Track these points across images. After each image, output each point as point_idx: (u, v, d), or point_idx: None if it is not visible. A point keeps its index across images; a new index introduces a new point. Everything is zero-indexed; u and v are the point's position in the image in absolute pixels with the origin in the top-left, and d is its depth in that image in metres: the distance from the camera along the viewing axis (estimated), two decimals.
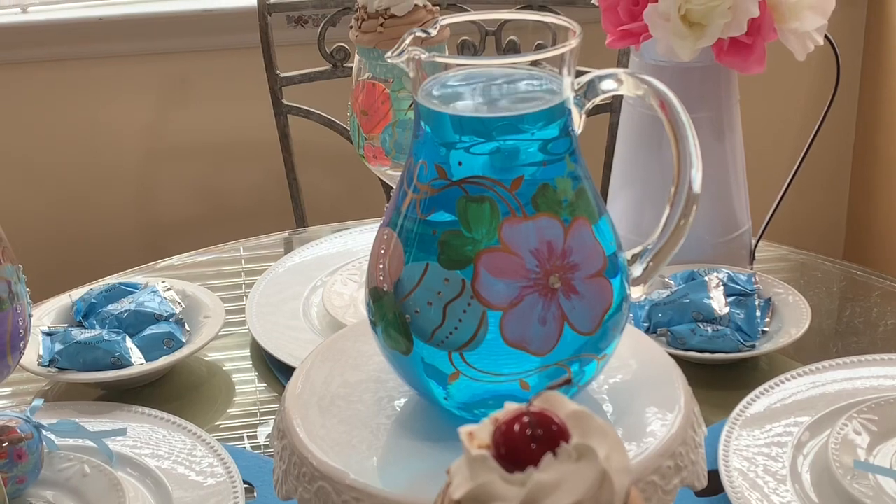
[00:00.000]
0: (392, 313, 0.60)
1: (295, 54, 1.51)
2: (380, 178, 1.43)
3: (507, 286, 0.57)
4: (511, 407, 0.36)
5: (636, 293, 0.64)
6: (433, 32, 0.61)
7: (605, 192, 1.09)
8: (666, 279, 0.97)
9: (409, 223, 0.60)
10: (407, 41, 0.59)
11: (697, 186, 0.61)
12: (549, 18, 0.61)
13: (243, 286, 1.09)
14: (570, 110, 0.60)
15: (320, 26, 1.39)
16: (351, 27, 0.91)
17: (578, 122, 0.60)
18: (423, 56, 0.58)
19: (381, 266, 0.61)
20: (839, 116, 1.85)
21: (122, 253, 1.80)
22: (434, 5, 1.35)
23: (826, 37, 0.93)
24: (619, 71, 0.61)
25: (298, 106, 1.43)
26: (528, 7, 1.38)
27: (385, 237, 0.62)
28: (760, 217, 1.05)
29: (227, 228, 1.71)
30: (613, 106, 1.37)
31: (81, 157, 1.77)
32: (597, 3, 0.93)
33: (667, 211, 0.63)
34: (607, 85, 0.61)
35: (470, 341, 0.58)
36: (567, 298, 0.58)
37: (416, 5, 0.88)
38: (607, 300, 0.60)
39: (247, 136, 1.77)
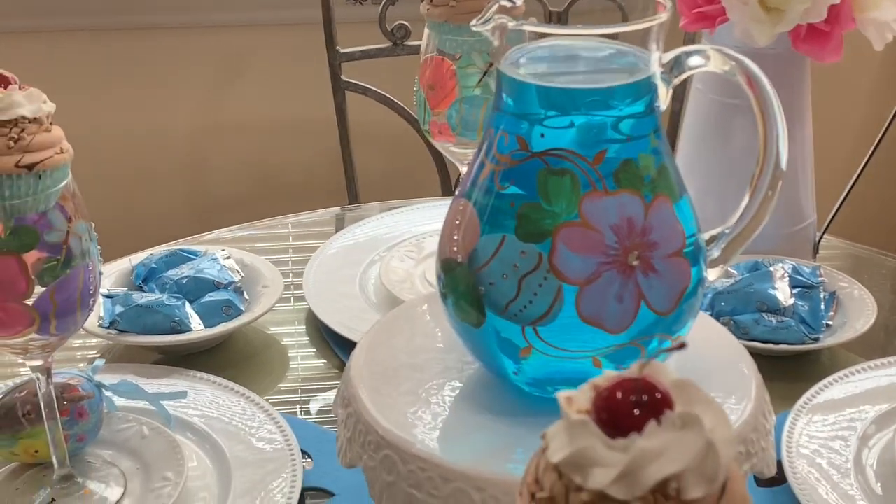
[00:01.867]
0: (465, 285, 0.60)
1: (355, 31, 1.51)
2: (435, 158, 1.43)
3: (585, 261, 0.56)
4: (611, 374, 0.36)
5: (713, 275, 0.63)
6: (518, 2, 0.60)
7: None
8: (729, 268, 0.96)
9: (487, 194, 0.59)
10: (493, 8, 0.59)
11: (784, 163, 0.60)
12: None
13: (290, 263, 1.08)
14: (656, 86, 0.59)
15: (382, 3, 1.39)
16: (422, 0, 0.90)
17: (664, 98, 0.59)
18: (511, 24, 0.57)
19: (455, 237, 0.61)
20: None
21: (173, 224, 1.81)
22: None
23: None
24: (707, 47, 0.60)
25: (357, 83, 1.43)
26: None
27: (460, 208, 0.61)
28: (826, 210, 1.03)
29: (279, 204, 1.72)
30: (677, 93, 1.36)
31: (140, 127, 1.78)
32: None
33: (748, 193, 0.62)
34: (695, 61, 0.60)
35: (544, 316, 0.57)
36: (645, 276, 0.57)
37: None
38: (685, 280, 0.59)
39: (303, 112, 1.77)
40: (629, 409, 0.33)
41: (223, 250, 1.00)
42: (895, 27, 0.89)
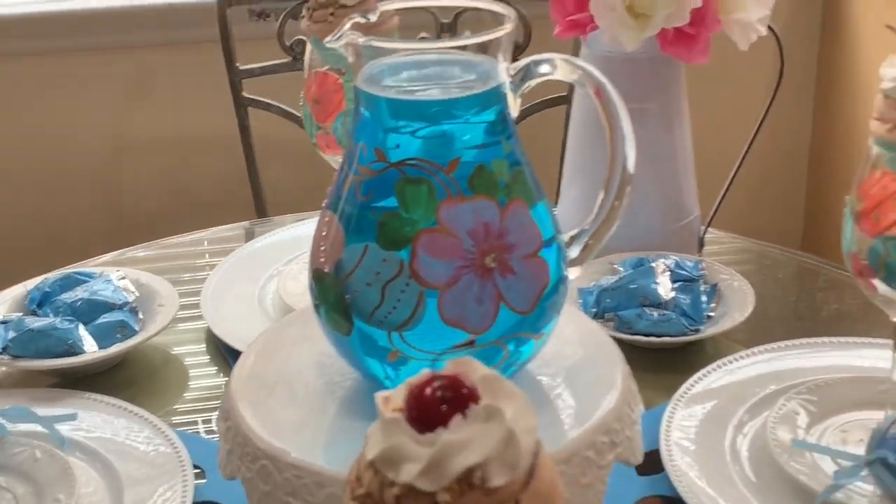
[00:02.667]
0: (333, 295, 0.62)
1: (257, 47, 1.52)
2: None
3: (445, 266, 0.59)
4: (426, 372, 0.38)
5: (573, 274, 0.65)
6: (373, 18, 0.62)
7: (560, 182, 1.10)
8: (615, 265, 0.99)
9: (350, 206, 0.61)
10: (346, 26, 0.61)
11: (631, 166, 0.63)
12: (483, 4, 0.62)
13: (193, 279, 1.09)
14: (505, 94, 0.61)
15: (279, 19, 1.40)
16: (303, 17, 0.92)
17: (514, 106, 0.62)
18: (360, 40, 0.59)
19: (322, 248, 0.63)
20: (796, 107, 1.87)
21: (87, 246, 1.80)
22: None
23: (770, 27, 0.95)
24: (555, 56, 0.63)
25: (258, 99, 1.44)
26: None
27: (326, 220, 0.63)
28: (711, 205, 1.07)
29: (193, 221, 1.72)
30: (569, 97, 1.39)
31: (46, 151, 1.77)
32: None
33: (601, 193, 0.64)
34: (543, 69, 0.62)
35: (408, 320, 0.59)
36: (503, 277, 0.59)
37: None
38: (543, 280, 0.61)
39: (209, 129, 1.77)
40: (436, 406, 0.35)
41: (118, 271, 1.00)
42: (759, 28, 0.93)
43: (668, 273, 0.95)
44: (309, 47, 0.93)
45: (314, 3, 0.90)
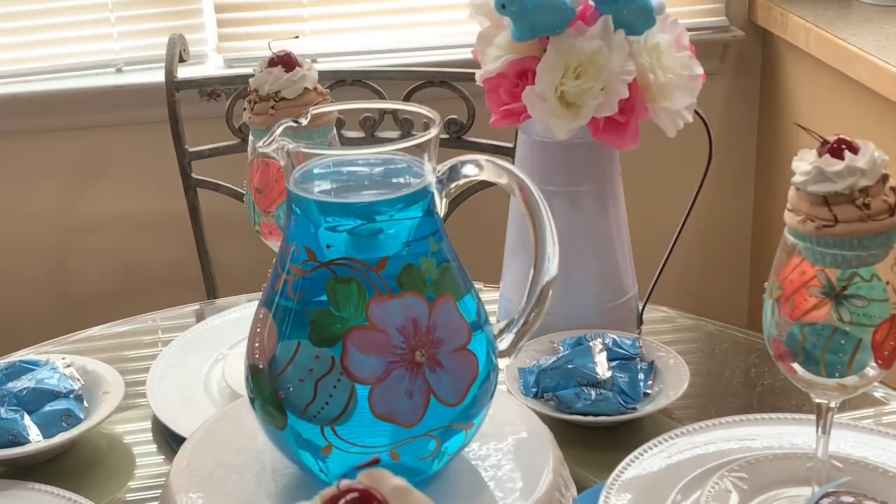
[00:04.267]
0: (268, 390, 0.63)
1: (207, 128, 1.54)
2: None
3: (375, 362, 0.60)
4: (343, 483, 0.39)
5: (503, 364, 0.67)
6: (304, 122, 0.65)
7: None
8: (555, 344, 1.01)
9: (283, 303, 0.63)
10: (277, 131, 0.63)
11: (553, 271, 0.65)
12: (412, 108, 0.65)
13: (141, 363, 1.09)
14: (432, 194, 0.64)
15: (228, 101, 1.43)
16: (245, 109, 0.95)
17: (441, 204, 0.64)
18: (291, 146, 0.61)
19: (257, 344, 0.64)
20: (737, 188, 1.92)
21: (34, 326, 1.80)
22: (338, 82, 1.40)
23: (698, 114, 0.98)
24: (480, 157, 0.65)
25: (207, 179, 1.46)
26: (430, 82, 1.42)
27: (261, 316, 0.65)
28: (649, 283, 1.10)
29: (143, 301, 1.72)
30: None
31: (2, 230, 1.78)
32: (481, 84, 0.98)
33: (526, 292, 0.67)
34: (469, 170, 0.65)
35: (340, 415, 0.61)
36: (432, 372, 0.61)
37: (306, 88, 0.91)
38: (472, 372, 0.63)
39: (160, 209, 1.78)
40: None
41: (64, 358, 1.01)
42: (685, 115, 0.96)
43: (606, 352, 0.97)
44: (251, 137, 0.96)
45: (255, 95, 0.93)
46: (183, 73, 1.51)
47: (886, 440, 0.87)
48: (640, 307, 1.10)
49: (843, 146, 0.67)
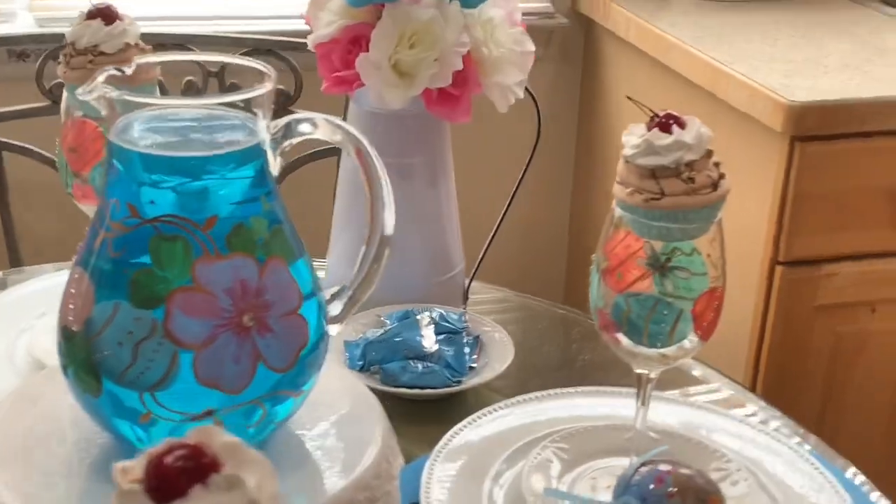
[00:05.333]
0: (82, 354, 0.59)
1: (15, 89, 1.45)
2: None
3: (201, 325, 0.58)
4: (170, 441, 0.37)
5: (334, 331, 0.66)
6: (128, 71, 0.61)
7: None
8: (382, 318, 1.00)
9: (101, 262, 0.59)
10: (100, 79, 0.59)
11: (389, 229, 0.64)
12: (243, 62, 0.63)
13: None
14: (265, 152, 0.61)
15: (39, 61, 1.35)
16: (59, 63, 0.89)
17: (275, 163, 0.62)
18: (114, 94, 0.57)
19: (71, 306, 0.60)
20: (558, 166, 1.97)
21: None
22: (157, 45, 1.34)
23: (528, 91, 0.99)
24: (316, 115, 0.63)
25: (13, 143, 1.37)
26: (256, 51, 1.39)
27: (76, 277, 0.61)
28: (475, 259, 1.10)
29: None
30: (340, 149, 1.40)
31: None
32: (313, 50, 0.95)
33: (362, 251, 0.65)
34: (303, 128, 0.63)
35: (161, 381, 0.58)
36: (261, 336, 0.59)
37: (127, 44, 0.87)
38: (302, 338, 0.61)
39: None
40: (176, 476, 0.35)
41: None
42: (516, 90, 0.97)
43: (433, 325, 0.97)
44: (66, 94, 0.90)
45: (71, 49, 0.87)
46: None
47: (700, 412, 0.90)
48: (467, 283, 1.10)
49: (671, 121, 0.69)
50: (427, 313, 1.00)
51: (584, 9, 1.86)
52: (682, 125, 0.68)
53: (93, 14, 0.87)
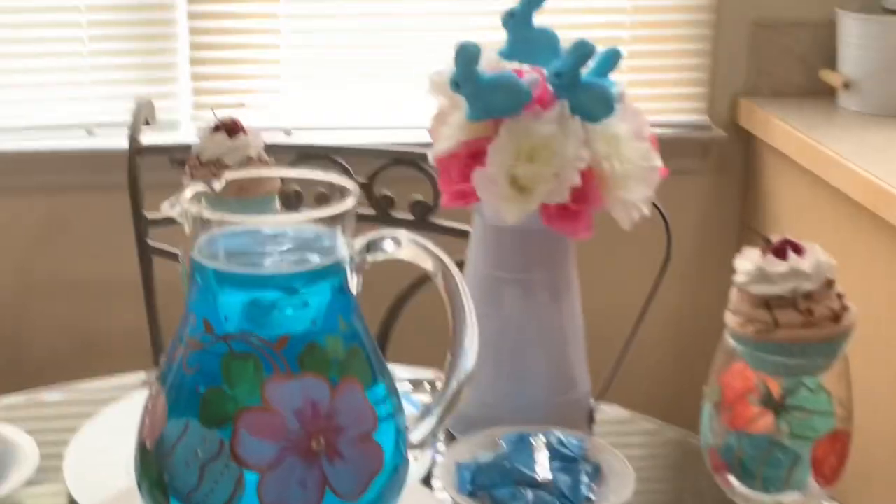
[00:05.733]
0: (154, 472, 0.58)
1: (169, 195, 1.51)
2: None
3: (267, 447, 0.56)
4: None
5: (414, 458, 0.62)
6: (217, 187, 0.61)
7: None
8: (497, 439, 0.96)
9: (176, 378, 0.58)
10: (187, 195, 0.59)
11: (469, 367, 0.60)
12: (329, 178, 0.62)
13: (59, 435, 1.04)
14: (344, 270, 0.59)
15: None
16: (185, 174, 0.91)
17: (354, 281, 0.60)
18: (193, 210, 0.57)
19: (147, 422, 0.60)
20: (712, 282, 1.88)
21: None
22: (302, 156, 1.37)
23: (655, 206, 0.95)
24: (402, 233, 0.61)
25: (163, 248, 1.42)
26: (399, 161, 1.40)
27: (154, 392, 0.60)
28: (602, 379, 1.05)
29: (92, 367, 1.67)
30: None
31: None
32: (434, 164, 0.95)
33: (443, 385, 0.62)
34: (387, 246, 0.61)
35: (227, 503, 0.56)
36: (330, 462, 0.57)
37: (248, 157, 0.88)
38: (375, 464, 0.59)
39: (117, 274, 1.74)
40: None
41: None
42: (641, 207, 0.93)
43: (548, 451, 0.92)
44: None
45: (196, 161, 0.89)
46: (154, 138, 1.49)
47: None
48: (593, 404, 1.05)
49: (788, 247, 0.63)
50: (544, 437, 0.95)
51: (744, 121, 1.80)
52: (799, 252, 0.63)
53: (218, 127, 0.89)
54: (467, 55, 0.86)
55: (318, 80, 1.73)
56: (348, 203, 0.58)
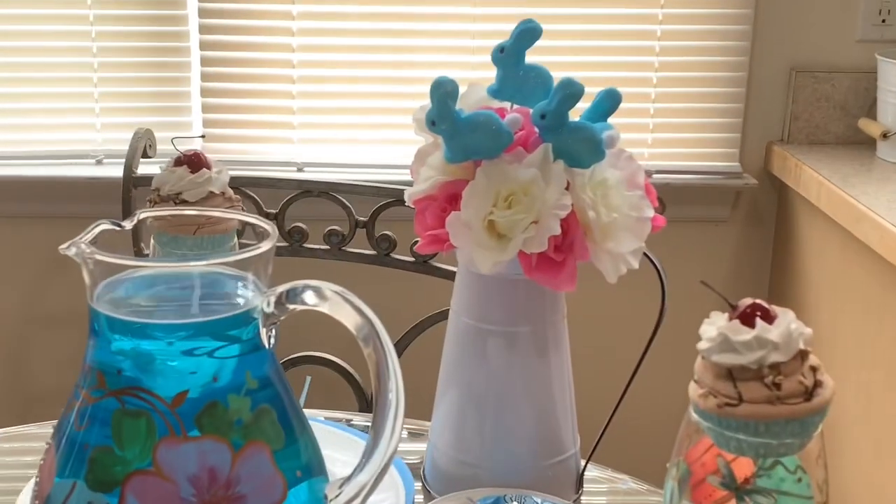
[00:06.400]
0: None
1: None
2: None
3: None
4: None
5: None
6: (127, 226, 0.56)
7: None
8: (473, 501, 0.90)
9: (67, 435, 0.53)
10: (87, 236, 0.54)
11: (390, 452, 0.54)
12: (250, 219, 0.56)
13: None
14: (256, 320, 0.54)
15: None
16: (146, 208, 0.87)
17: (268, 334, 0.55)
18: (87, 251, 0.52)
19: (36, 479, 0.54)
20: None
21: None
22: (304, 192, 1.33)
23: (647, 256, 0.88)
24: (327, 286, 0.56)
25: None
26: (398, 201, 1.35)
27: (47, 447, 0.55)
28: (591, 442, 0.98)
29: None
30: None
31: None
32: (410, 205, 0.89)
33: (369, 441, 0.56)
34: (308, 298, 0.55)
35: None
36: None
37: (211, 192, 0.84)
38: None
39: None
40: None
41: None
42: (630, 260, 0.86)
43: None
44: (153, 242, 0.88)
45: (155, 196, 0.85)
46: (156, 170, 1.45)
47: None
48: (582, 467, 0.98)
49: (757, 312, 0.57)
50: (524, 500, 0.88)
51: (777, 170, 1.73)
52: (769, 319, 0.56)
53: (180, 161, 0.85)
54: (443, 92, 0.81)
55: (331, 117, 1.70)
56: (262, 247, 0.53)
